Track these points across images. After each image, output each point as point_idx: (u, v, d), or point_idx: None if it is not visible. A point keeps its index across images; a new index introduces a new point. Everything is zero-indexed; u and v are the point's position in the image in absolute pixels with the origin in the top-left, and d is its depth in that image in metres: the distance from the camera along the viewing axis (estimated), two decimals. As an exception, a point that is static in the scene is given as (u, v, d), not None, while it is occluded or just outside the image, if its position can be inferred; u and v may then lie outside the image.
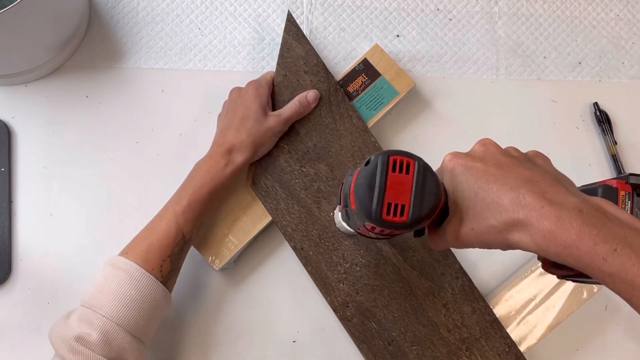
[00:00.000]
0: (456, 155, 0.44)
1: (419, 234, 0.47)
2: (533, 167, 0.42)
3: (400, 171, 0.42)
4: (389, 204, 0.41)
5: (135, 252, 0.59)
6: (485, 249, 0.42)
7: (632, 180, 0.47)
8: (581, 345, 0.70)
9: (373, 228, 0.43)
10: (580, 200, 0.38)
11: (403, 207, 0.41)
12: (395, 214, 0.41)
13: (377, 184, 0.41)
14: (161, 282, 0.59)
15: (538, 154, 0.45)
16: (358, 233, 0.48)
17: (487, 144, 0.44)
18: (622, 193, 0.47)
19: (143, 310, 0.56)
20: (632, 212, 0.47)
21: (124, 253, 0.60)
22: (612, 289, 0.36)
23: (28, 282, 0.70)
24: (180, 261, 0.63)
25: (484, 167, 0.41)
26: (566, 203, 0.37)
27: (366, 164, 0.43)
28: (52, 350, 0.54)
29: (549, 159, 0.45)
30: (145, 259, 0.58)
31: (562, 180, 0.42)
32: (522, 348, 0.65)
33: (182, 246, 0.61)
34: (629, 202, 0.47)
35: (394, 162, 0.42)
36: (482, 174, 0.41)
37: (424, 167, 0.42)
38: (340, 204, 0.47)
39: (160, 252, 0.59)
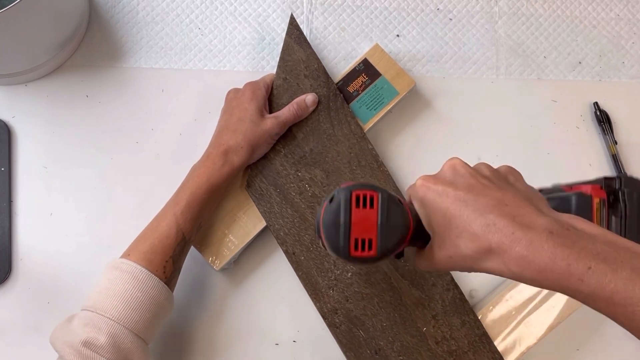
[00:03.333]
0: (426, 179, 0.43)
1: (398, 256, 0.47)
2: (504, 187, 0.41)
3: (365, 206, 0.42)
4: (356, 240, 0.41)
5: (138, 254, 0.59)
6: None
7: (607, 184, 0.46)
8: (581, 345, 0.70)
9: (346, 263, 0.43)
10: (550, 219, 0.37)
11: (370, 241, 0.41)
12: (363, 249, 0.41)
13: (342, 221, 0.41)
14: (165, 283, 0.59)
15: (509, 170, 0.45)
16: None
17: (455, 165, 0.44)
18: (596, 200, 0.45)
19: (149, 312, 0.56)
20: (607, 219, 0.45)
21: (126, 255, 0.60)
22: (594, 308, 0.35)
23: (28, 282, 0.70)
24: (181, 262, 0.63)
25: (454, 193, 0.41)
26: (536, 225, 0.36)
27: (330, 201, 0.42)
28: (52, 352, 0.54)
29: (520, 175, 0.45)
30: (149, 261, 0.58)
31: (532, 198, 0.41)
32: (522, 348, 0.65)
33: (183, 247, 0.61)
34: (604, 209, 0.45)
35: (357, 198, 0.42)
36: (453, 201, 0.40)
37: (388, 199, 0.42)
38: (316, 233, 0.47)
39: (162, 253, 0.59)
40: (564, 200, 0.46)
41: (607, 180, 0.46)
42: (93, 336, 0.53)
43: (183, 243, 0.61)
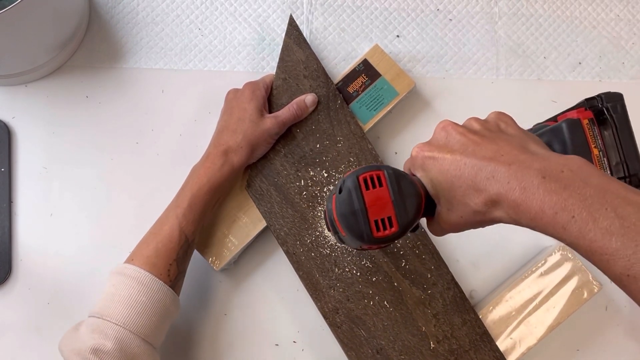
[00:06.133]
0: (421, 147, 0.44)
1: (414, 230, 0.48)
2: (497, 137, 0.42)
3: (374, 186, 0.42)
4: (376, 222, 0.42)
5: (141, 258, 0.59)
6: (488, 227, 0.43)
7: (589, 104, 0.47)
8: (581, 345, 0.70)
9: (370, 247, 0.43)
10: (545, 163, 0.38)
11: (390, 219, 0.42)
12: (385, 228, 0.42)
13: (357, 207, 0.42)
14: (170, 286, 0.59)
15: (499, 116, 0.45)
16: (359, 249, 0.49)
17: (446, 126, 0.44)
18: (585, 122, 0.47)
19: (154, 315, 0.56)
20: (600, 134, 0.46)
21: (130, 260, 0.59)
22: (579, 253, 0.36)
23: (28, 282, 0.70)
24: (186, 264, 0.63)
25: (452, 156, 0.41)
26: (530, 171, 0.37)
27: (340, 192, 0.43)
28: (52, 352, 0.54)
29: (510, 118, 0.45)
30: (153, 264, 0.58)
31: (527, 142, 0.42)
32: (522, 349, 0.65)
33: (186, 249, 0.61)
34: (594, 127, 0.46)
35: (365, 180, 0.42)
36: (451, 163, 0.41)
37: (395, 174, 0.43)
38: (329, 230, 0.47)
39: (166, 256, 0.59)
40: (555, 131, 0.47)
41: (588, 101, 0.48)
42: (100, 342, 0.52)
43: (186, 245, 0.61)
